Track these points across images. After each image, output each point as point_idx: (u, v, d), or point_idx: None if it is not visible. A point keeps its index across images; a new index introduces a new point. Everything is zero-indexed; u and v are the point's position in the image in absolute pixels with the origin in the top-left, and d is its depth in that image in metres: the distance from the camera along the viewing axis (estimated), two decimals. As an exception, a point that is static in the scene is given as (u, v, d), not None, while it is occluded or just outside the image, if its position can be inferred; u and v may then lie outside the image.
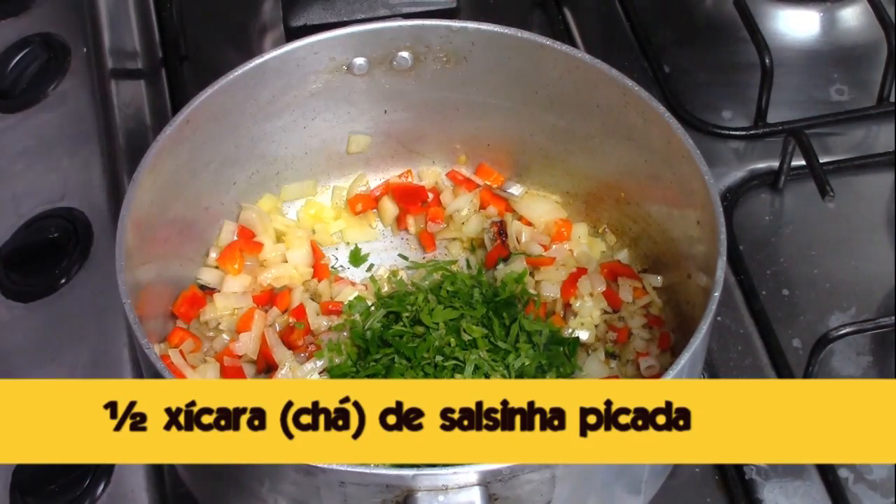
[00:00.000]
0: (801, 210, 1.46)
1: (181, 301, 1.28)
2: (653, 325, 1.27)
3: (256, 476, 1.02)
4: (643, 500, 1.14)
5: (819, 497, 1.22)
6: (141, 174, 1.17)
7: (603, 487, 1.07)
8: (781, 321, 1.35)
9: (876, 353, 1.32)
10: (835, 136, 1.53)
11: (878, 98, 1.54)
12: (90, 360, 1.29)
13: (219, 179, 1.31)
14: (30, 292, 1.35)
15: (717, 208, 1.13)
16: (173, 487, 1.22)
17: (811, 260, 1.41)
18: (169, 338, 1.26)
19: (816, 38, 1.65)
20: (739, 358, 1.32)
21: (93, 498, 1.18)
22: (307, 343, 1.27)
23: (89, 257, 1.36)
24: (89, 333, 1.31)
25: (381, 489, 0.96)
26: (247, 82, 1.25)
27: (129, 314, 1.08)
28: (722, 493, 1.23)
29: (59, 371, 1.28)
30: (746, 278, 1.38)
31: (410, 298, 1.26)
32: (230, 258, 1.32)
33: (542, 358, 1.21)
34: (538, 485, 0.99)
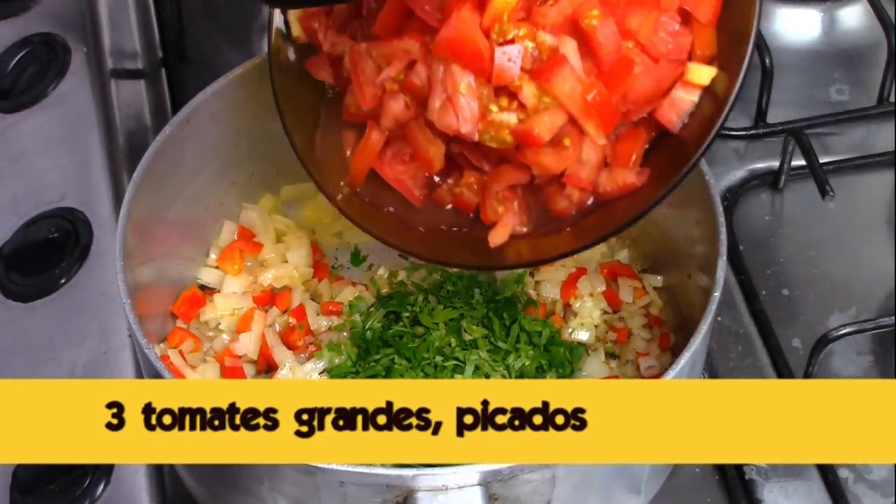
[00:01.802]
0: (801, 210, 1.46)
1: (181, 301, 1.28)
2: (653, 325, 1.27)
3: (256, 476, 1.02)
4: (643, 500, 1.14)
5: (819, 497, 1.22)
6: (141, 174, 1.17)
7: (603, 487, 1.07)
8: (781, 321, 1.35)
9: (876, 353, 1.32)
10: (835, 136, 1.53)
11: (878, 98, 1.54)
12: (90, 360, 1.29)
13: (219, 179, 1.31)
14: (30, 292, 1.35)
15: (718, 208, 1.13)
16: (173, 487, 1.22)
17: (811, 260, 1.41)
18: (169, 338, 1.26)
19: (816, 38, 1.65)
20: (739, 358, 1.32)
21: (93, 498, 1.18)
22: (307, 343, 1.27)
23: (89, 257, 1.36)
24: (89, 333, 1.31)
25: (381, 489, 0.96)
26: (247, 82, 1.25)
27: (129, 314, 1.08)
28: (722, 493, 1.23)
29: (59, 371, 1.28)
30: (746, 278, 1.38)
31: (410, 299, 1.26)
32: (230, 258, 1.32)
33: (543, 358, 1.21)
34: (538, 485, 0.99)
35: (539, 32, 1.04)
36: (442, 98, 1.05)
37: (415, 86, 1.07)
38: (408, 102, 1.09)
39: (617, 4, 1.04)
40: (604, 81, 1.04)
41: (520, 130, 1.04)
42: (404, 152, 1.14)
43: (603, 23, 1.03)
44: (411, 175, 1.15)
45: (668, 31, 1.06)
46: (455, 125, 1.05)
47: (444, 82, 1.05)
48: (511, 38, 1.03)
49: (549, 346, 1.23)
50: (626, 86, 1.05)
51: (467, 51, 1.02)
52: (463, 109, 1.04)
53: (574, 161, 1.07)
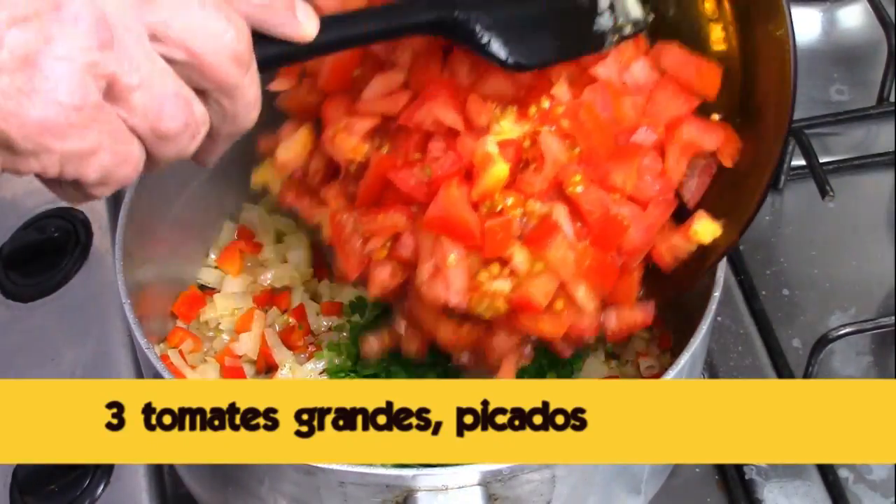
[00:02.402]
0: (801, 210, 1.46)
1: (181, 301, 1.28)
2: (653, 325, 1.26)
3: (256, 476, 1.02)
4: (643, 500, 1.14)
5: (819, 497, 1.22)
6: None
7: (603, 487, 1.07)
8: (781, 321, 1.35)
9: (876, 353, 1.32)
10: (835, 136, 1.53)
11: (878, 98, 1.54)
12: (90, 360, 1.29)
13: (219, 179, 1.30)
14: (30, 292, 1.35)
15: (718, 209, 1.13)
16: (173, 487, 1.22)
17: (811, 260, 1.41)
18: (169, 338, 1.26)
19: (816, 38, 1.65)
20: (739, 358, 1.32)
21: (93, 498, 1.18)
22: (307, 343, 1.27)
23: (89, 257, 1.36)
24: (89, 333, 1.31)
25: (381, 489, 0.96)
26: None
27: (129, 314, 1.08)
28: (722, 493, 1.23)
29: (59, 371, 1.28)
30: (746, 278, 1.38)
31: (410, 298, 1.26)
32: (230, 258, 1.32)
33: (543, 358, 1.21)
34: (538, 485, 0.99)
35: (529, 201, 1.02)
36: (430, 269, 1.03)
37: (402, 257, 1.06)
38: (394, 270, 1.07)
39: (598, 163, 1.03)
40: (596, 242, 1.03)
41: (515, 298, 1.02)
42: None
43: (587, 189, 1.02)
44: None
45: (652, 174, 1.04)
46: (444, 296, 1.02)
47: (433, 253, 1.02)
48: (500, 210, 1.02)
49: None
50: (619, 241, 1.04)
51: (457, 228, 1.01)
52: (453, 282, 1.02)
53: (571, 320, 1.05)
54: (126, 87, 0.74)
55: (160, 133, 0.76)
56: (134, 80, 0.74)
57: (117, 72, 0.73)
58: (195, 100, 0.77)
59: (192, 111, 0.77)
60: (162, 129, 0.76)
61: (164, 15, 0.75)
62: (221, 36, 0.76)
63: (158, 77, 0.75)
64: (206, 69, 0.77)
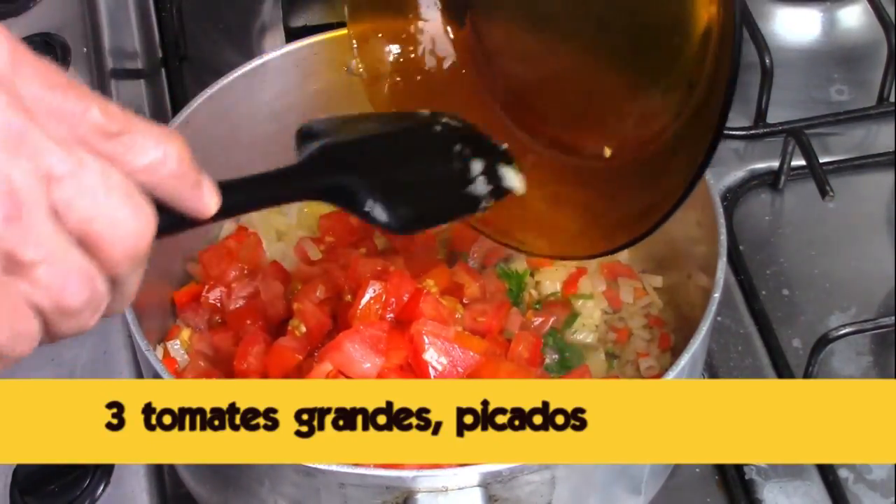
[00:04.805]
0: (801, 210, 1.46)
1: (182, 293, 1.28)
2: (653, 325, 1.27)
3: (256, 476, 1.02)
4: (643, 500, 1.14)
5: (819, 497, 1.22)
6: (141, 174, 1.16)
7: (603, 488, 1.07)
8: (781, 321, 1.35)
9: (876, 353, 1.32)
10: (835, 136, 1.53)
11: (878, 98, 1.54)
12: (90, 360, 1.29)
13: (218, 179, 1.30)
14: (30, 292, 1.34)
15: (718, 208, 1.13)
16: (173, 488, 1.22)
17: (811, 260, 1.41)
18: (169, 336, 1.25)
19: (816, 38, 1.65)
20: (739, 358, 1.32)
21: (93, 498, 1.18)
22: (307, 343, 1.27)
23: (89, 257, 1.36)
24: (89, 333, 1.29)
25: (381, 490, 0.96)
26: (247, 82, 1.25)
27: (129, 314, 1.08)
28: (722, 493, 1.23)
29: (59, 371, 1.28)
30: (746, 278, 1.38)
31: (410, 298, 1.26)
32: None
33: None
34: (538, 486, 0.99)
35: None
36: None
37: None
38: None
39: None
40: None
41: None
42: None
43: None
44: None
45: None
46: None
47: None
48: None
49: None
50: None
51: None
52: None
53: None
54: (29, 263, 0.70)
55: (63, 308, 0.73)
56: (38, 255, 0.70)
57: (19, 246, 0.69)
58: (98, 276, 0.74)
59: (95, 287, 0.74)
60: (65, 304, 0.73)
61: (70, 193, 0.71)
62: (123, 225, 0.74)
63: (62, 252, 0.72)
64: (101, 255, 0.74)
